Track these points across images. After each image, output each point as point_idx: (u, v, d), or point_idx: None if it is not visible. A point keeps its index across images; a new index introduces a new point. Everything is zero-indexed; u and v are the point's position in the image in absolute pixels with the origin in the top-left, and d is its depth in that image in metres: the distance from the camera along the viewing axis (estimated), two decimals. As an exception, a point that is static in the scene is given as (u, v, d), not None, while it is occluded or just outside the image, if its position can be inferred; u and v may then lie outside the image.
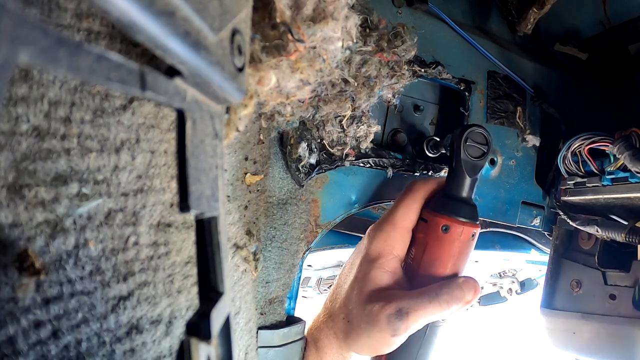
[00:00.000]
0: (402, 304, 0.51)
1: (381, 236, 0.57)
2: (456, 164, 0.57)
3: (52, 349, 0.28)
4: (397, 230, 0.57)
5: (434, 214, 0.56)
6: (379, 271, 0.55)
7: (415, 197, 0.58)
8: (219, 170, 0.31)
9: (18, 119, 0.26)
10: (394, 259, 0.56)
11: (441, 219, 0.55)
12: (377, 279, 0.54)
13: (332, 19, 0.42)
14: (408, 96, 0.82)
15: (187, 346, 0.25)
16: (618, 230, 0.74)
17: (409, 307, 0.51)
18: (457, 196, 0.56)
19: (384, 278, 0.55)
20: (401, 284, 0.55)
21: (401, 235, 0.57)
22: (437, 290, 0.52)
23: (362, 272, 0.56)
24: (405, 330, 0.51)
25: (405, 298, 0.52)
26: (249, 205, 0.63)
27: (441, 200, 0.57)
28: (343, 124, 0.67)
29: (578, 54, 0.82)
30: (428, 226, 0.56)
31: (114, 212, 0.33)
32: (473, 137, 0.58)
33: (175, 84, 0.25)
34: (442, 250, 0.55)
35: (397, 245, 0.56)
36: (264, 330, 0.68)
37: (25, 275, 0.26)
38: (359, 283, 0.55)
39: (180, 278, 0.40)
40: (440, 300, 0.51)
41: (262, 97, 0.43)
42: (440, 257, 0.55)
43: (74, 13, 0.28)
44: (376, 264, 0.55)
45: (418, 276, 0.56)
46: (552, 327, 0.87)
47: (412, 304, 0.51)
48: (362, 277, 0.55)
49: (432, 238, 0.55)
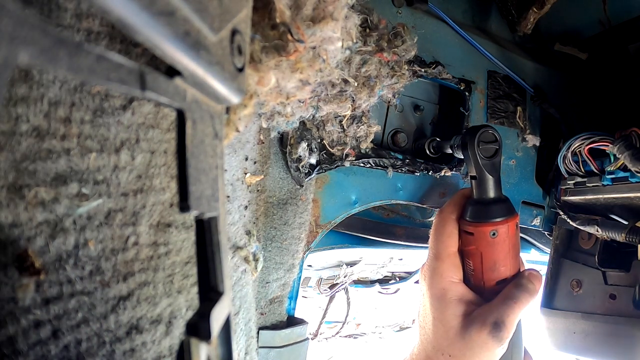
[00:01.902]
0: (494, 317, 0.55)
1: (436, 274, 0.60)
2: (477, 170, 0.58)
3: (52, 349, 0.28)
4: (445, 261, 0.60)
5: (477, 225, 0.57)
6: (453, 303, 0.58)
7: (446, 223, 0.60)
8: (219, 170, 0.31)
9: (18, 119, 0.26)
10: (458, 286, 0.59)
11: (486, 227, 0.57)
12: (456, 310, 0.58)
13: (332, 19, 0.42)
14: (408, 96, 0.82)
15: (187, 346, 0.25)
16: (618, 230, 0.74)
17: (502, 316, 0.55)
18: (489, 199, 0.58)
19: (460, 306, 0.58)
20: (476, 301, 0.59)
21: (451, 263, 0.60)
22: (514, 291, 0.57)
23: (438, 311, 0.59)
24: (507, 337, 0.55)
25: (493, 311, 0.56)
26: (249, 205, 0.63)
27: (477, 208, 0.58)
28: (343, 124, 0.67)
29: (578, 54, 0.82)
30: (476, 237, 0.58)
31: (114, 212, 0.33)
32: (483, 139, 0.59)
33: (175, 84, 0.25)
34: (498, 253, 0.57)
35: (452, 273, 0.60)
36: (264, 331, 0.68)
37: (25, 275, 0.26)
38: (441, 322, 0.59)
39: (180, 278, 0.40)
40: (521, 299, 0.56)
41: (262, 97, 0.43)
42: (498, 259, 0.58)
43: (74, 13, 0.28)
44: (446, 299, 0.59)
45: (486, 284, 0.59)
46: (552, 327, 0.87)
47: (502, 312, 0.55)
48: (441, 315, 0.59)
49: (484, 246, 0.57)
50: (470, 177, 0.60)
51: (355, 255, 1.16)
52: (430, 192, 0.81)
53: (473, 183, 0.59)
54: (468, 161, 0.60)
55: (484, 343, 0.54)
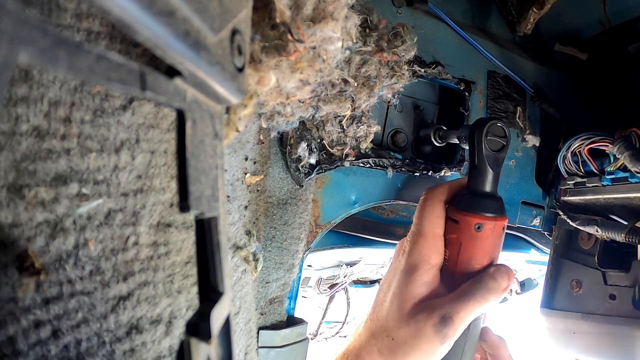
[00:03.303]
0: (444, 311, 0.51)
1: (415, 249, 0.57)
2: (479, 159, 0.56)
3: (52, 349, 0.28)
4: (429, 240, 0.56)
5: (464, 214, 0.55)
6: (418, 284, 0.55)
7: (436, 203, 0.58)
8: (219, 170, 0.31)
9: (18, 119, 0.26)
10: (431, 269, 0.56)
11: (473, 218, 0.55)
12: (416, 292, 0.55)
13: (332, 19, 0.42)
14: (408, 96, 0.82)
15: (187, 346, 0.25)
16: (618, 230, 0.74)
17: (452, 312, 0.51)
18: (483, 192, 0.56)
19: (422, 290, 0.55)
20: (440, 291, 0.56)
21: (434, 244, 0.56)
22: (472, 288, 0.53)
23: (400, 287, 0.56)
24: (452, 336, 0.51)
25: (446, 304, 0.52)
26: (249, 205, 0.63)
27: (468, 198, 0.56)
28: (343, 124, 0.67)
29: (578, 54, 0.82)
30: (460, 227, 0.55)
31: (114, 212, 0.33)
32: (492, 131, 0.57)
33: (175, 84, 0.25)
34: (477, 248, 0.55)
35: (432, 255, 0.56)
36: (264, 331, 0.68)
37: (25, 275, 0.26)
38: (398, 299, 0.55)
39: (180, 278, 0.40)
40: (477, 297, 0.52)
41: (262, 97, 0.43)
42: (476, 254, 0.55)
43: (74, 13, 0.28)
44: (413, 276, 0.55)
45: (456, 276, 0.56)
46: (552, 327, 0.87)
47: (453, 307, 0.52)
48: (401, 292, 0.55)
49: (465, 238, 0.55)
50: (469, 167, 0.58)
51: (355, 255, 1.16)
52: (430, 192, 0.81)
53: (471, 173, 0.58)
54: (472, 150, 0.58)
55: (426, 335, 0.51)
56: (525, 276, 1.37)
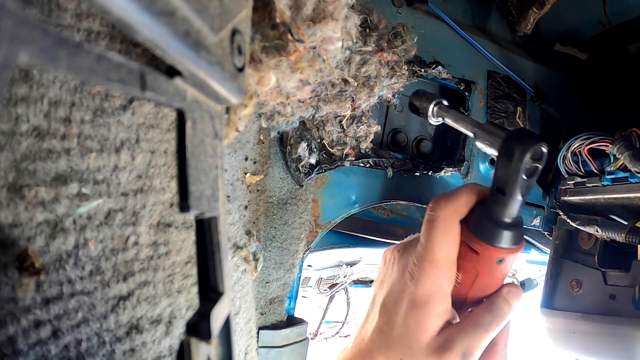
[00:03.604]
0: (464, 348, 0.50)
1: (426, 279, 0.52)
2: (510, 187, 0.48)
3: (52, 348, 0.28)
4: (442, 270, 0.51)
5: (487, 247, 0.49)
6: (432, 317, 0.51)
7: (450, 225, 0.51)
8: (219, 170, 0.31)
9: (18, 119, 0.26)
10: (445, 298, 0.52)
11: (496, 252, 0.49)
12: (432, 326, 0.51)
13: (332, 19, 0.42)
14: (408, 96, 0.82)
15: (187, 346, 0.25)
16: (618, 230, 0.74)
17: (472, 346, 0.50)
18: (508, 223, 0.49)
19: (438, 322, 0.52)
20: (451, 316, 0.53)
21: (448, 273, 0.52)
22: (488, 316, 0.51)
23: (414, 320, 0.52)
24: None
25: (465, 338, 0.51)
26: (249, 205, 0.63)
27: (492, 228, 0.49)
28: (343, 124, 0.67)
29: (578, 54, 0.82)
30: (480, 258, 0.50)
31: (114, 212, 0.33)
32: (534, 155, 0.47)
33: (175, 84, 0.25)
34: (494, 279, 0.52)
35: (445, 284, 0.52)
36: (264, 331, 0.68)
37: (25, 275, 0.26)
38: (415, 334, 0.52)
39: (180, 278, 0.40)
40: (494, 326, 0.51)
41: (262, 97, 0.43)
42: (491, 284, 0.52)
43: (74, 13, 0.28)
44: (427, 310, 0.51)
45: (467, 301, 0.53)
46: (552, 327, 0.87)
47: (472, 342, 0.50)
48: (417, 327, 0.52)
49: (484, 269, 0.51)
50: (494, 187, 0.50)
51: (355, 255, 1.16)
52: (430, 192, 0.81)
53: (497, 198, 0.49)
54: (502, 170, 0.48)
55: None
56: (525, 276, 1.37)
